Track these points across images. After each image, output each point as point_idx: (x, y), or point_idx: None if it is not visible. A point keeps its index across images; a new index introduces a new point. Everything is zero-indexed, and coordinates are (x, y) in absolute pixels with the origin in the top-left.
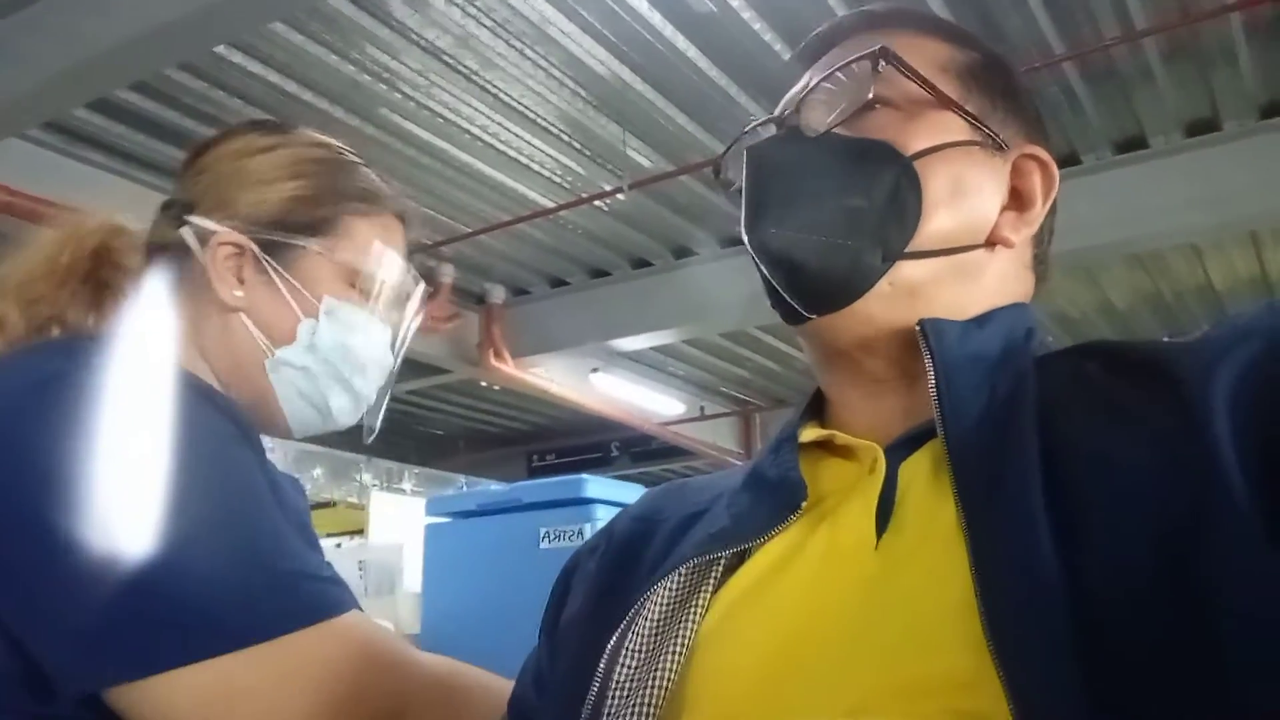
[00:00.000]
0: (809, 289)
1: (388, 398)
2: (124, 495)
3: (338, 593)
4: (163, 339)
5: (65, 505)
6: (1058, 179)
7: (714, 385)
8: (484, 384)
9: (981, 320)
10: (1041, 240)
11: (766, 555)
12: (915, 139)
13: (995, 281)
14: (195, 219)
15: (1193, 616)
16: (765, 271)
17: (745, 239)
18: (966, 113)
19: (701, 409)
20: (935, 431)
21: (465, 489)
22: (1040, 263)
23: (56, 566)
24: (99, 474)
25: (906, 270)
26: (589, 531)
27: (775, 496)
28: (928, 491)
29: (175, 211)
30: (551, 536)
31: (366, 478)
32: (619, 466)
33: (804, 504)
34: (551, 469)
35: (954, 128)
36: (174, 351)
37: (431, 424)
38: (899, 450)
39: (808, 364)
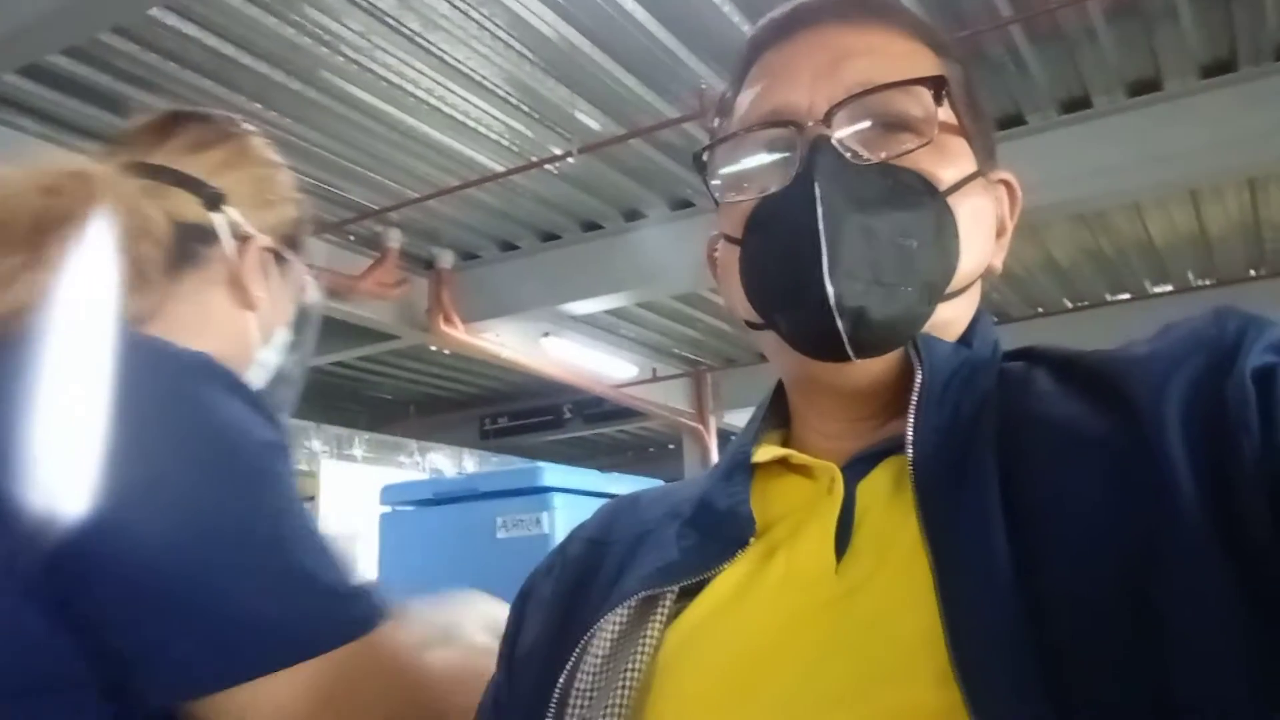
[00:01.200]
0: (868, 337)
1: None
2: (204, 509)
3: (373, 606)
4: (200, 328)
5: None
6: (1020, 200)
7: (666, 347)
8: (434, 349)
9: (966, 339)
10: None
11: (724, 583)
12: (944, 171)
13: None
14: (231, 210)
15: (1149, 640)
16: (830, 317)
17: (812, 285)
18: (975, 141)
19: (654, 371)
20: (890, 449)
21: (417, 455)
22: None
23: (158, 582)
24: (188, 491)
25: (941, 312)
26: (545, 521)
27: (723, 531)
28: (887, 512)
29: (205, 193)
30: (509, 525)
31: (316, 444)
32: (572, 429)
33: (752, 539)
34: (504, 432)
35: (968, 157)
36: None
37: (381, 389)
38: (855, 468)
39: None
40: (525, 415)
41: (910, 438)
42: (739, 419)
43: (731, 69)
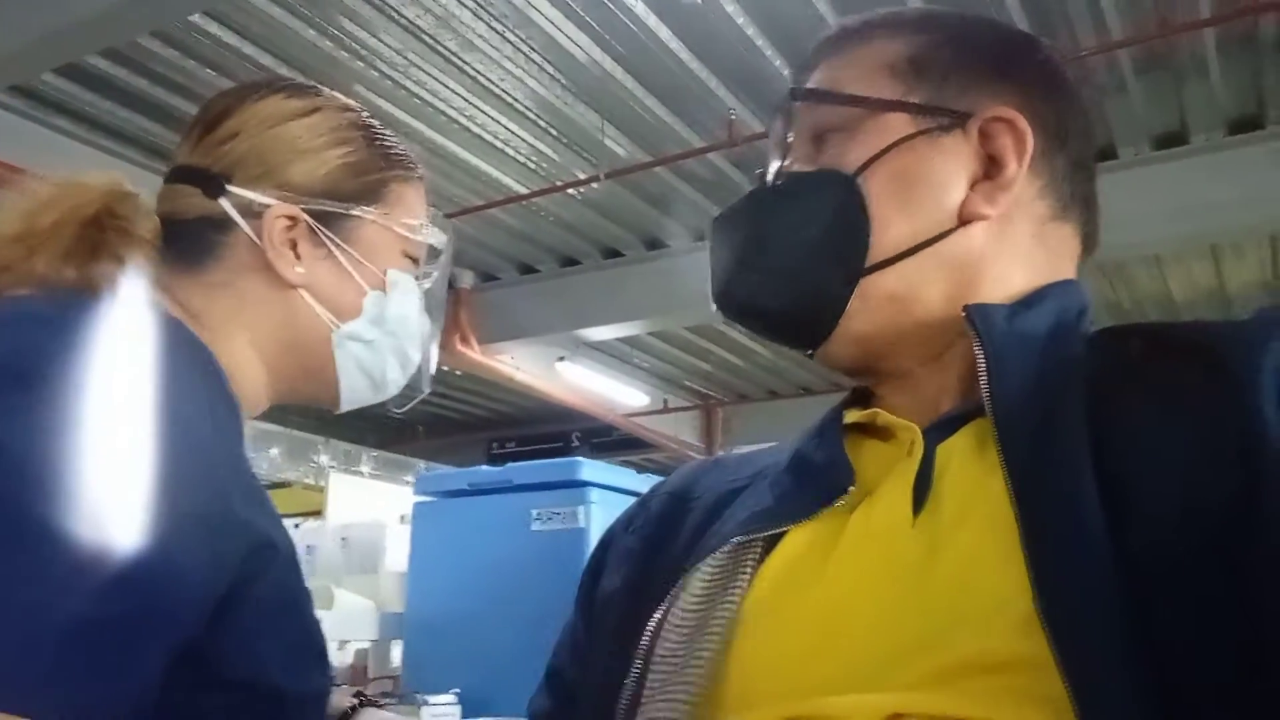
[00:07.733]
0: (787, 331)
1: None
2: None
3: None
4: (236, 318)
5: None
6: (1030, 133)
7: (677, 378)
8: (445, 369)
9: (1030, 300)
10: (1048, 194)
11: (803, 535)
12: (856, 154)
13: (1003, 253)
14: (237, 190)
15: (1237, 597)
16: (736, 316)
17: (714, 306)
18: (907, 105)
19: (665, 401)
20: (976, 413)
21: (424, 474)
22: (1062, 215)
23: None
24: None
25: (875, 284)
26: (582, 515)
27: (821, 479)
28: (967, 471)
29: (207, 181)
30: (544, 518)
31: (324, 459)
32: (579, 456)
33: (851, 488)
34: (511, 456)
35: (895, 126)
36: (211, 327)
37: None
38: (938, 432)
39: (771, 360)
40: (533, 441)
41: (986, 395)
42: None
43: None
